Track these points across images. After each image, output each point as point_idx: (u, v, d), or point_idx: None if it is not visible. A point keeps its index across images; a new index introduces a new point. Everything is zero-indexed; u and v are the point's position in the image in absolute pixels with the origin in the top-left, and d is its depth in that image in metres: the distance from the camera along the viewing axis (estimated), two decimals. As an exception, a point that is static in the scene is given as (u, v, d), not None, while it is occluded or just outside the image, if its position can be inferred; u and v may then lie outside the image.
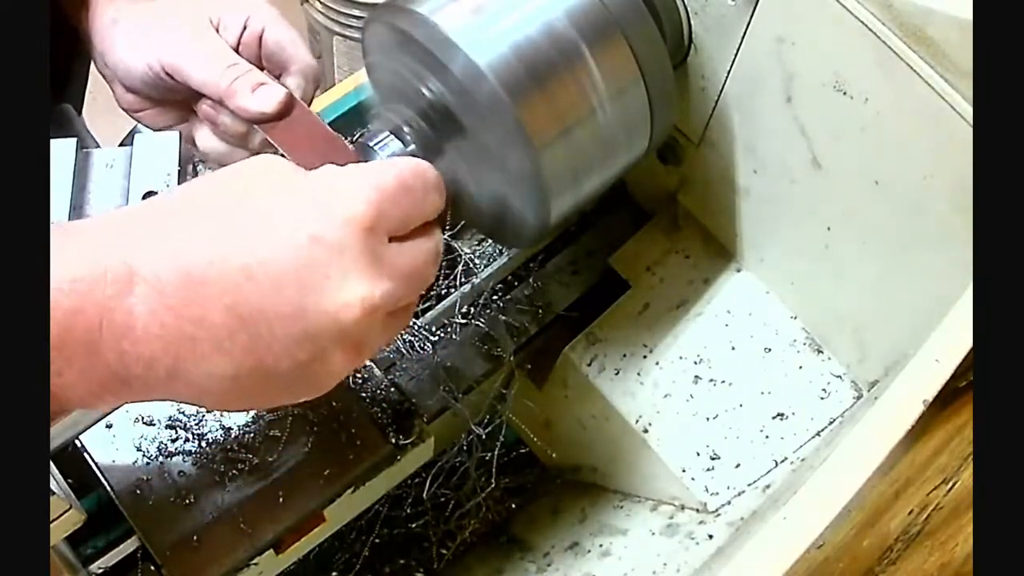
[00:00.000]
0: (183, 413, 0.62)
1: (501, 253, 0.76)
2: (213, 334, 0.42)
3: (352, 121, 0.77)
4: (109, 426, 0.61)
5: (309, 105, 0.66)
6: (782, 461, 0.68)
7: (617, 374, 0.73)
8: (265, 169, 0.47)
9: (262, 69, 0.66)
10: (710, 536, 0.66)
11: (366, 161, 0.59)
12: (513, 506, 0.86)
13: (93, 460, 0.60)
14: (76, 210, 0.64)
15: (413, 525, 0.81)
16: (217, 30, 0.65)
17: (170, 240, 0.43)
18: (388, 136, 0.58)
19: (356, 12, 1.64)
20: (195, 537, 0.59)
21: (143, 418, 0.62)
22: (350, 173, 0.47)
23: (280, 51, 0.66)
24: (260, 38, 0.65)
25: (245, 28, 0.65)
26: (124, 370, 0.42)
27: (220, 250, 0.43)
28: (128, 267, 0.41)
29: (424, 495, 0.78)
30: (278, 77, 0.66)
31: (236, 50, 0.65)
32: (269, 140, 0.63)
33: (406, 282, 0.47)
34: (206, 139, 0.68)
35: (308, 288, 0.43)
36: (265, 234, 0.43)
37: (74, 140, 0.65)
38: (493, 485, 0.77)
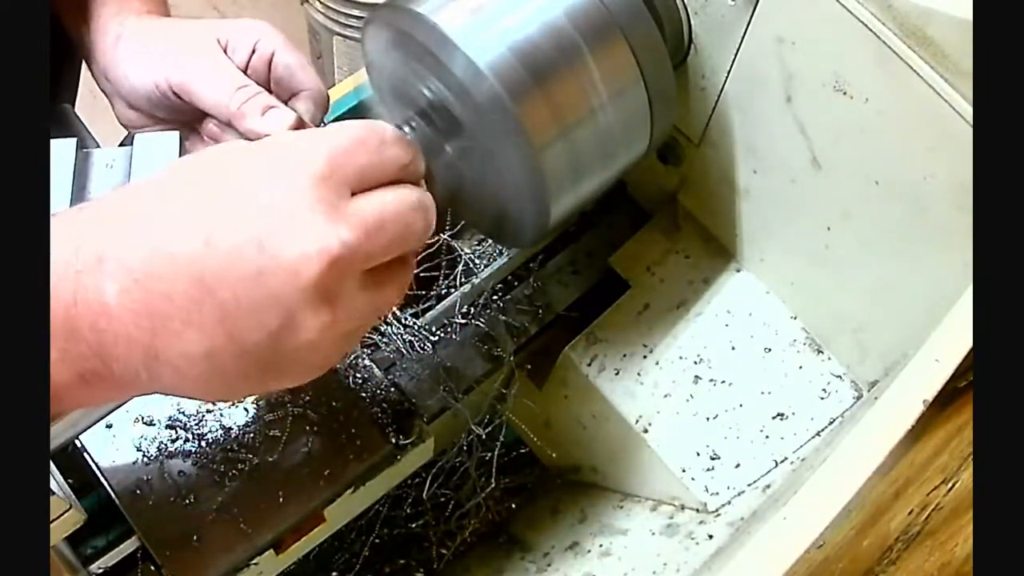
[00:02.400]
0: (183, 413, 0.62)
1: (501, 253, 0.76)
2: (182, 306, 0.42)
3: (352, 121, 0.77)
4: (109, 426, 0.61)
5: (317, 125, 0.66)
6: (782, 461, 0.68)
7: (617, 374, 0.73)
8: (227, 147, 0.47)
9: (270, 92, 0.65)
10: (710, 536, 0.66)
11: None
12: (513, 506, 0.86)
13: (93, 460, 0.60)
14: (76, 210, 0.64)
15: (413, 525, 0.81)
16: (225, 51, 0.65)
17: (135, 220, 0.43)
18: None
19: (356, 12, 1.64)
20: (195, 537, 0.59)
21: (143, 418, 0.62)
22: (304, 133, 0.47)
23: (290, 76, 0.65)
24: (269, 62, 0.65)
25: (254, 51, 0.65)
26: (102, 349, 0.42)
27: (183, 224, 0.43)
28: (97, 247, 0.42)
29: (424, 495, 0.78)
30: (287, 101, 0.66)
31: (244, 72, 0.65)
32: None
33: (375, 234, 0.45)
34: None
35: (265, 247, 0.42)
36: (222, 202, 0.43)
37: (74, 140, 0.65)
38: (493, 485, 0.77)
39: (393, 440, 0.64)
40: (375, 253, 0.45)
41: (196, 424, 0.62)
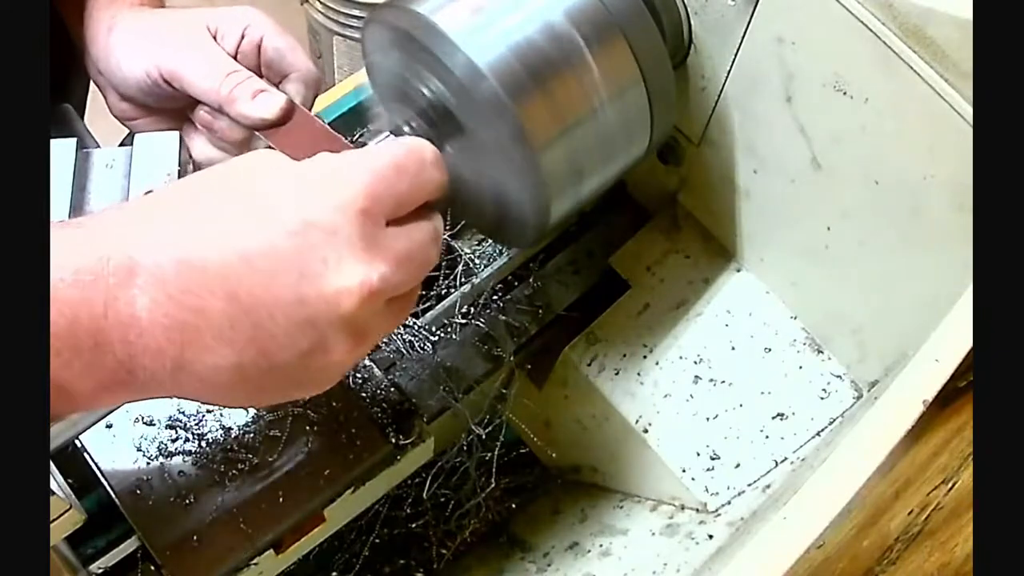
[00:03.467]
0: (183, 413, 0.62)
1: (501, 253, 0.76)
2: (215, 323, 0.42)
3: (352, 121, 0.77)
4: (109, 426, 0.61)
5: (310, 111, 0.66)
6: (782, 461, 0.68)
7: (617, 374, 0.73)
8: (260, 160, 0.47)
9: (261, 77, 0.66)
10: (710, 536, 0.66)
11: None
12: (513, 506, 0.86)
13: (93, 460, 0.60)
14: (76, 210, 0.64)
15: (413, 525, 0.81)
16: (215, 38, 0.65)
17: (168, 231, 0.43)
18: (388, 136, 0.58)
19: (356, 12, 1.65)
20: (195, 537, 0.59)
21: (143, 418, 0.62)
22: (344, 158, 0.47)
23: (280, 59, 0.66)
24: (259, 47, 0.65)
25: (243, 37, 0.65)
26: (131, 360, 0.42)
27: (217, 238, 0.43)
28: (129, 257, 0.41)
29: (424, 495, 0.78)
30: (278, 84, 0.66)
31: (234, 58, 0.65)
32: (271, 146, 0.63)
33: (405, 266, 0.46)
34: (202, 148, 0.68)
35: (306, 274, 0.43)
36: (261, 221, 0.43)
37: (74, 140, 0.65)
38: (493, 485, 0.77)
39: (393, 440, 0.64)
40: (403, 284, 0.47)
41: (196, 424, 0.62)
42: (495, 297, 0.75)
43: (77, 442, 0.59)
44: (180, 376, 0.43)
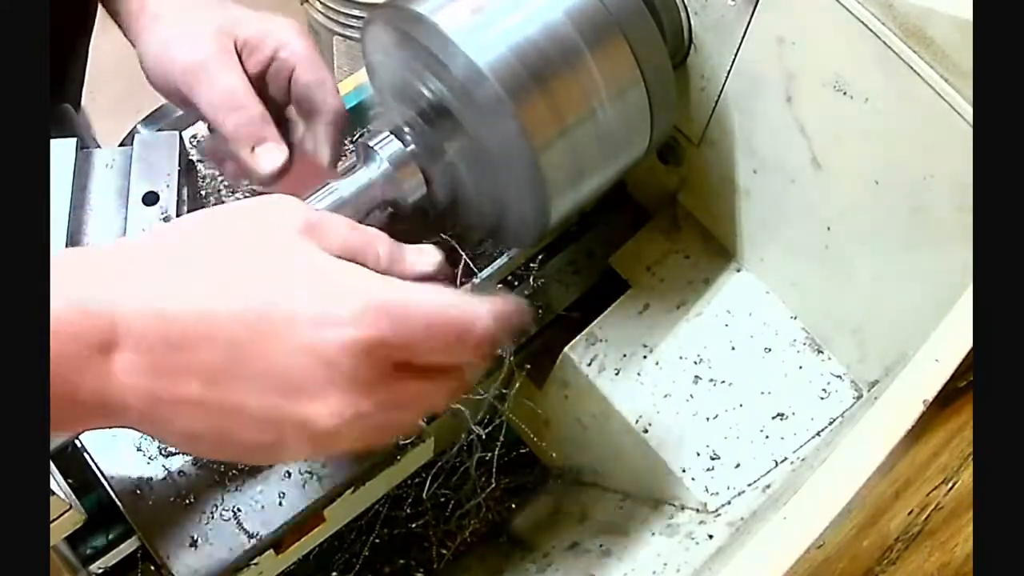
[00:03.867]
0: (183, 413, 0.62)
1: (501, 253, 0.76)
2: (187, 401, 0.42)
3: (352, 121, 0.77)
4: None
5: (334, 147, 0.64)
6: (782, 461, 0.68)
7: (617, 374, 0.73)
8: (281, 224, 0.44)
9: (288, 102, 0.64)
10: (710, 536, 0.66)
11: (366, 161, 0.59)
12: (513, 506, 0.86)
13: (93, 460, 0.60)
14: (76, 210, 0.64)
15: (413, 525, 0.81)
16: (240, 54, 0.62)
17: (163, 291, 0.42)
18: (388, 136, 0.58)
19: (356, 12, 1.65)
20: (195, 537, 0.59)
21: (143, 418, 0.62)
22: (371, 283, 0.43)
23: (309, 96, 0.63)
24: (289, 78, 0.63)
25: (272, 59, 0.62)
26: (103, 408, 0.42)
27: (213, 318, 0.41)
28: (112, 319, 0.41)
29: (424, 495, 0.78)
30: (305, 117, 0.64)
31: (263, 74, 0.63)
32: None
33: (396, 411, 0.44)
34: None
35: (291, 388, 0.42)
36: (263, 316, 0.41)
37: (74, 140, 0.65)
38: (493, 485, 0.77)
39: (393, 440, 0.64)
40: (389, 424, 0.45)
41: (196, 424, 0.62)
42: (495, 297, 0.75)
43: (77, 442, 0.59)
44: (142, 425, 0.44)
